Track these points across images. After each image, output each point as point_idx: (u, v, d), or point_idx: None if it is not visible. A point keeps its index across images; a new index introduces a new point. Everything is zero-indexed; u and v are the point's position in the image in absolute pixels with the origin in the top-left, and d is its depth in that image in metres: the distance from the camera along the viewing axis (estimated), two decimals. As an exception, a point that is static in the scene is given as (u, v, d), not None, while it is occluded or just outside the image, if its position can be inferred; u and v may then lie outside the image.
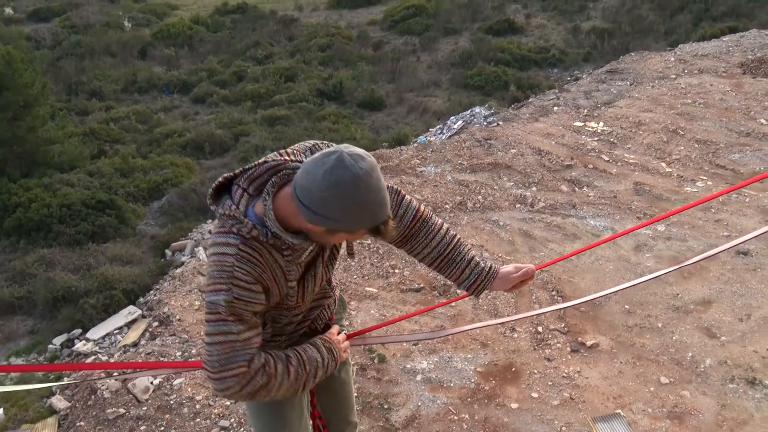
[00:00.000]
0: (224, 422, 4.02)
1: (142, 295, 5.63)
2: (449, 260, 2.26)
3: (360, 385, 4.26)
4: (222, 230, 1.88)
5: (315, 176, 1.70)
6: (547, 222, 6.06)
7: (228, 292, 1.83)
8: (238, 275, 1.84)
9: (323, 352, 2.14)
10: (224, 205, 1.88)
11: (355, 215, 1.72)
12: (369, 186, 1.70)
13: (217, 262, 1.85)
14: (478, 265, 2.27)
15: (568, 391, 4.14)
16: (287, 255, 1.92)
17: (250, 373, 1.90)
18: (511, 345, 4.58)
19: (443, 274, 2.30)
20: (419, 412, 4.04)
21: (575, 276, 5.26)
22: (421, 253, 2.28)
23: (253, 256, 1.85)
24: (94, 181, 8.12)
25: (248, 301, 1.87)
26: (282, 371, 1.98)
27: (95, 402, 4.23)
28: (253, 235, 1.84)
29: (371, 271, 5.51)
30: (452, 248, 2.26)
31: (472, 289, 2.28)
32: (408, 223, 2.23)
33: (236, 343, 1.88)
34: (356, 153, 1.72)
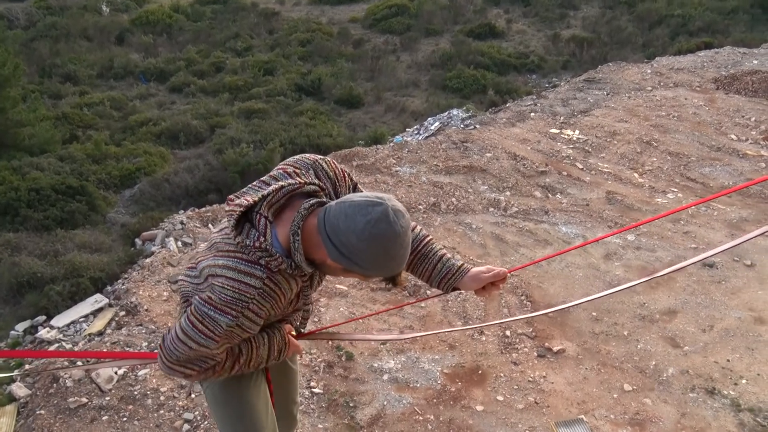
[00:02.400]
0: (188, 414, 3.99)
1: (110, 283, 5.55)
2: (421, 257, 2.28)
3: (326, 382, 4.26)
4: (246, 258, 1.85)
5: (356, 223, 1.73)
6: (519, 227, 6.11)
7: (235, 319, 1.85)
8: (253, 308, 1.86)
9: (272, 352, 2.21)
10: (250, 236, 1.85)
11: (381, 266, 1.79)
12: (403, 243, 1.77)
13: (235, 289, 1.83)
14: (449, 261, 2.29)
15: (533, 396, 4.18)
16: (305, 282, 1.99)
17: (199, 374, 2.01)
18: (478, 348, 4.61)
19: (415, 272, 2.31)
20: (384, 411, 4.05)
21: (545, 282, 5.31)
22: None
23: (274, 291, 1.88)
24: (65, 167, 8.00)
25: (246, 331, 1.92)
26: (227, 367, 2.08)
27: (57, 390, 4.17)
28: (281, 269, 1.86)
29: (343, 269, 5.49)
30: (424, 245, 2.29)
31: (443, 285, 2.29)
32: None
33: (206, 355, 1.94)
34: (399, 209, 1.77)
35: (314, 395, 4.15)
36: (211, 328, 1.86)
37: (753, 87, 9.20)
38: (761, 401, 4.10)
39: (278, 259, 1.83)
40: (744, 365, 4.39)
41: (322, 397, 4.14)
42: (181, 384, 4.23)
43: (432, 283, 2.32)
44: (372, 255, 1.75)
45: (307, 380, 4.23)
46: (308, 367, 4.36)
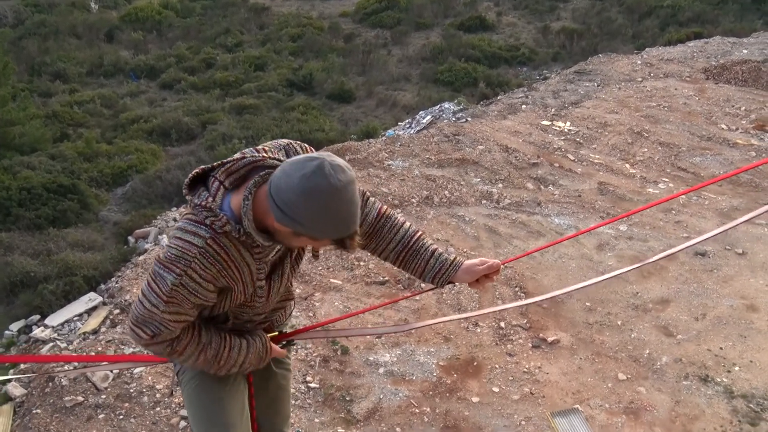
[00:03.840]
0: (184, 412, 3.98)
1: (104, 282, 5.54)
2: (413, 252, 2.27)
3: (322, 376, 4.27)
4: (194, 218, 1.88)
5: (292, 178, 1.71)
6: (512, 219, 6.12)
7: (178, 277, 1.85)
8: (195, 268, 1.85)
9: (249, 357, 2.18)
10: (200, 196, 1.88)
11: (323, 224, 1.74)
12: (342, 199, 1.72)
13: (179, 246, 1.85)
14: (442, 255, 2.29)
15: (529, 386, 4.20)
16: (257, 254, 1.94)
17: (154, 340, 1.98)
18: (473, 340, 4.62)
19: (408, 269, 2.31)
20: (381, 404, 4.06)
21: (538, 273, 5.33)
22: (386, 249, 2.28)
23: (218, 254, 1.87)
24: (56, 165, 7.96)
25: (192, 293, 1.89)
26: (191, 353, 2.06)
27: (52, 389, 4.16)
28: (225, 231, 1.84)
29: (336, 263, 5.51)
30: (415, 241, 2.28)
31: (437, 280, 2.28)
32: (372, 221, 2.25)
33: (154, 316, 1.93)
34: (337, 164, 1.74)
35: (310, 390, 4.15)
36: (160, 286, 1.88)
37: (743, 76, 9.24)
38: (754, 387, 4.13)
39: (222, 219, 1.83)
40: (737, 353, 4.42)
41: (319, 392, 4.15)
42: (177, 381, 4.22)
43: (425, 279, 2.30)
44: (311, 212, 1.71)
45: (303, 375, 4.24)
46: (304, 361, 4.36)
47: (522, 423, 3.92)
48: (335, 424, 3.92)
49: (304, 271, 5.33)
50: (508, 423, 3.92)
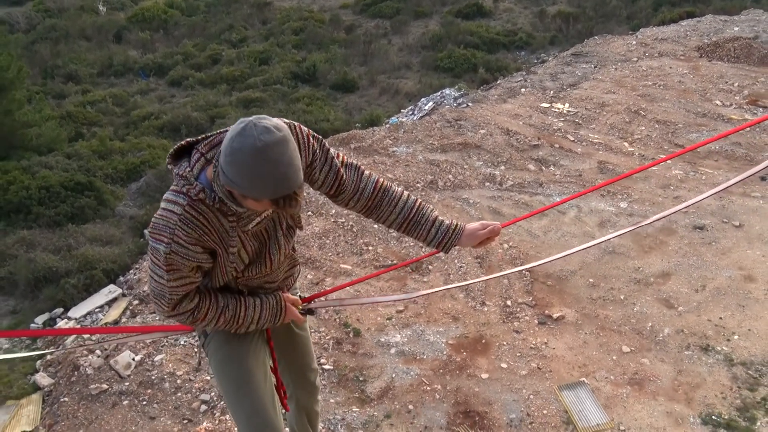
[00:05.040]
0: (205, 396, 4.02)
1: (122, 274, 5.57)
2: (414, 222, 2.32)
3: (336, 358, 4.29)
4: (174, 189, 1.95)
5: (226, 140, 1.78)
6: (515, 199, 6.12)
7: (168, 246, 1.93)
8: (179, 234, 1.92)
9: (264, 315, 2.27)
10: (180, 166, 1.94)
11: (251, 183, 1.77)
12: (266, 158, 1.73)
13: (163, 216, 1.93)
14: (443, 223, 2.33)
15: (536, 362, 4.21)
16: (231, 221, 1.98)
17: (176, 311, 2.08)
18: (481, 318, 4.63)
19: (412, 236, 2.35)
20: (393, 383, 4.08)
21: (542, 251, 5.32)
22: (387, 220, 2.33)
23: (197, 219, 1.93)
24: (72, 164, 7.97)
25: (185, 257, 1.96)
26: (212, 317, 2.16)
27: (78, 378, 4.20)
28: (200, 198, 1.90)
29: (345, 249, 5.52)
30: (416, 211, 2.32)
31: (441, 246, 2.33)
32: (369, 194, 2.28)
33: (163, 288, 2.02)
34: (263, 125, 1.76)
35: (325, 371, 4.17)
36: (157, 258, 1.96)
37: (735, 53, 9.14)
38: (753, 355, 4.13)
39: (196, 186, 1.89)
40: (736, 322, 4.42)
41: (333, 373, 4.17)
42: (196, 367, 4.26)
43: (430, 246, 2.35)
44: (238, 171, 1.75)
45: (318, 357, 4.26)
46: (317, 344, 4.38)
47: (530, 397, 3.93)
48: (350, 404, 3.95)
49: (314, 257, 5.34)
50: (517, 397, 3.94)
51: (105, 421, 3.89)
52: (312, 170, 2.17)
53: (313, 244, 5.56)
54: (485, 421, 3.78)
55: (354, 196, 2.28)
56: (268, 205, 1.84)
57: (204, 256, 2.01)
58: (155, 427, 3.82)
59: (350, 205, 2.31)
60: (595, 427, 3.68)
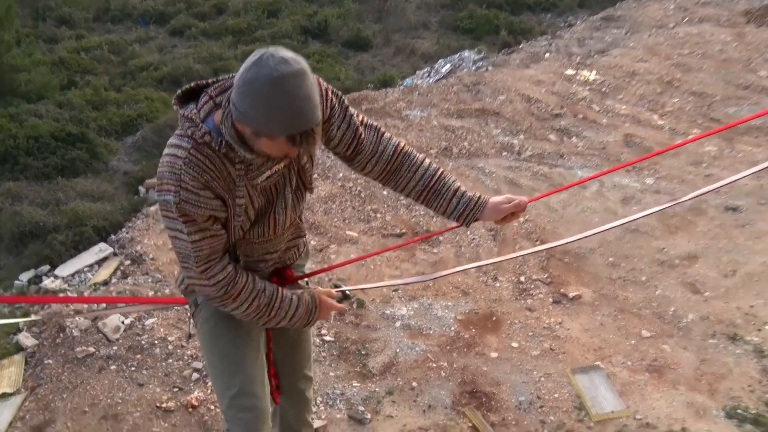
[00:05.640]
0: (197, 364, 4.01)
1: (114, 232, 5.54)
2: (435, 192, 2.26)
3: (338, 330, 4.27)
4: (179, 133, 1.92)
5: (239, 72, 1.76)
6: (533, 171, 6.05)
7: (176, 194, 1.88)
8: (185, 179, 1.87)
9: (299, 312, 2.21)
10: (187, 108, 1.91)
11: (267, 116, 1.74)
12: (283, 89, 1.71)
13: (167, 163, 1.90)
14: (465, 194, 2.27)
15: (549, 342, 4.18)
16: (239, 170, 1.93)
17: (207, 275, 2.01)
18: (492, 294, 4.60)
19: (432, 207, 2.30)
20: (397, 358, 4.06)
21: (560, 227, 5.27)
22: (406, 188, 2.27)
23: (203, 162, 1.88)
24: (64, 113, 7.90)
25: (196, 205, 1.90)
26: (246, 297, 2.08)
27: (64, 340, 4.19)
28: (205, 141, 1.87)
29: (352, 215, 5.48)
30: (437, 180, 2.26)
31: (462, 219, 2.27)
32: (388, 157, 2.23)
33: (186, 245, 1.96)
34: (281, 56, 1.74)
35: (325, 343, 4.16)
36: (169, 211, 1.92)
37: (789, 19, 8.87)
38: (785, 347, 4.08)
39: (201, 128, 1.86)
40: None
41: (333, 345, 4.15)
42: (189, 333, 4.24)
43: (450, 217, 2.29)
44: (252, 102, 1.73)
45: (318, 328, 4.24)
46: (318, 314, 4.36)
47: (541, 379, 3.91)
48: (350, 378, 3.93)
49: (319, 223, 5.31)
50: (527, 379, 3.91)
51: (90, 385, 3.88)
52: (329, 126, 2.13)
53: (319, 209, 5.51)
54: (492, 403, 3.76)
55: (372, 159, 2.23)
56: (284, 146, 1.80)
57: (216, 203, 1.95)
58: (143, 395, 3.82)
59: (367, 168, 2.25)
60: (609, 414, 3.65)
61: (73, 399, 3.80)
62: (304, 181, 2.15)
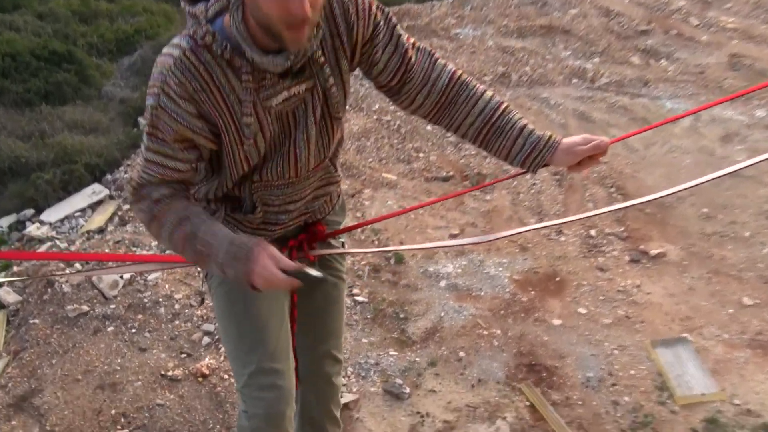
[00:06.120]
0: (208, 326, 4.08)
1: (110, 171, 5.59)
2: (497, 129, 2.20)
3: (372, 289, 4.30)
4: (182, 33, 1.94)
5: None
6: (610, 102, 5.98)
7: (156, 97, 1.90)
8: (170, 83, 1.88)
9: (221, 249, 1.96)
10: (196, 5, 1.92)
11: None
12: None
13: (159, 63, 1.92)
14: (533, 133, 2.20)
15: (624, 309, 4.17)
16: (246, 81, 1.91)
17: (138, 195, 2.05)
18: (556, 250, 4.58)
19: (491, 150, 2.25)
20: (441, 323, 4.09)
21: (641, 170, 5.20)
22: (462, 125, 2.23)
23: (197, 69, 1.88)
24: (46, 27, 7.91)
25: (174, 117, 1.90)
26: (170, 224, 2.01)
27: (52, 297, 4.29)
28: (206, 42, 1.87)
29: (390, 154, 5.47)
30: (500, 115, 2.20)
31: (528, 163, 2.22)
32: (442, 88, 2.19)
33: (143, 159, 2.01)
34: None
35: (358, 304, 4.20)
36: (146, 116, 1.96)
37: None
38: None
39: (204, 27, 1.86)
40: None
41: (367, 307, 4.19)
42: (200, 290, 4.32)
43: (513, 162, 2.24)
44: None
45: (349, 287, 4.27)
46: (350, 271, 4.39)
47: (614, 352, 3.91)
48: (386, 346, 3.98)
49: (351, 163, 5.31)
50: (597, 351, 3.91)
51: (84, 350, 3.97)
52: (373, 48, 2.09)
53: (351, 147, 5.51)
54: (554, 378, 3.78)
55: (423, 90, 2.19)
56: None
57: (198, 124, 1.93)
58: (146, 360, 3.91)
59: (417, 101, 2.22)
60: (698, 397, 3.63)
61: (64, 365, 3.89)
62: (330, 110, 2.11)
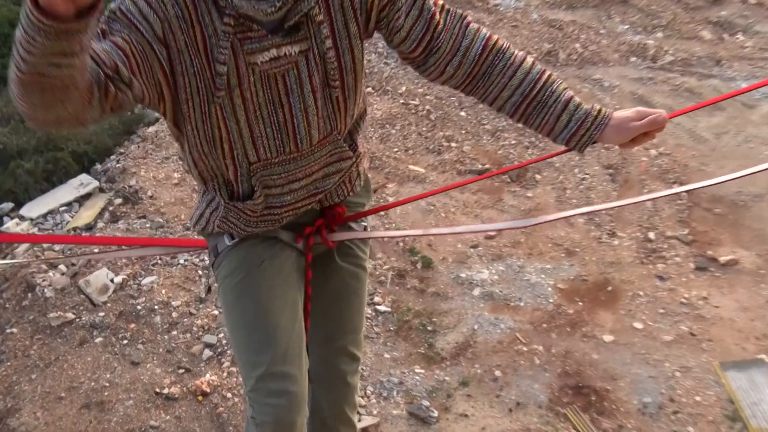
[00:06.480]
0: (210, 338, 4.10)
1: (100, 160, 5.63)
2: (538, 104, 2.19)
3: (396, 297, 4.30)
4: None
5: None
6: (674, 84, 5.96)
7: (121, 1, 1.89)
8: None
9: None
10: None
11: None
12: None
13: None
14: (580, 108, 2.18)
15: (688, 324, 4.13)
16: (226, 24, 1.91)
17: None
18: (608, 254, 4.56)
19: (531, 125, 2.24)
20: (475, 337, 4.08)
21: (711, 163, 5.17)
22: (498, 98, 2.21)
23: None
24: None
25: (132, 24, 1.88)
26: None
27: (33, 302, 4.32)
28: None
29: (418, 143, 5.46)
30: (542, 87, 2.18)
31: (574, 142, 2.21)
32: (476, 57, 2.17)
33: None
34: None
35: (379, 315, 4.20)
36: None
37: None
38: None
39: None
40: None
41: (390, 318, 4.19)
42: (200, 296, 4.34)
43: (557, 140, 2.23)
44: None
45: (371, 294, 4.27)
46: (371, 276, 4.39)
47: (676, 374, 3.88)
48: (411, 362, 3.97)
49: (373, 154, 5.31)
50: (656, 373, 3.89)
51: (68, 363, 4.00)
52: (394, 13, 2.08)
53: (373, 135, 5.52)
54: (605, 404, 3.76)
55: (453, 60, 2.17)
56: None
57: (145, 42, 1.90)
58: (138, 376, 3.93)
59: (446, 73, 2.20)
60: (775, 428, 3.61)
61: (45, 381, 3.92)
62: (328, 77, 2.10)
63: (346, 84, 2.13)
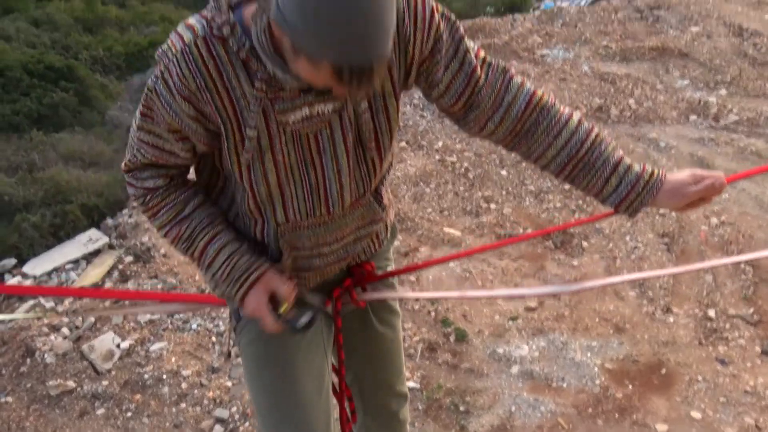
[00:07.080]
0: (222, 411, 4.11)
1: (111, 214, 5.69)
2: (584, 165, 2.22)
3: (426, 372, 4.31)
4: (200, 14, 1.99)
5: None
6: (739, 146, 5.96)
7: (155, 80, 1.98)
8: (172, 72, 1.95)
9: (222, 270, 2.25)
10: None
11: (314, 27, 1.73)
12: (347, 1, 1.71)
13: (170, 40, 1.99)
14: (630, 170, 2.21)
15: (753, 415, 4.08)
16: (258, 89, 1.97)
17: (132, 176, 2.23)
18: (662, 333, 4.54)
19: (578, 186, 2.27)
20: (512, 421, 4.07)
21: (776, 234, 5.15)
22: (543, 157, 2.25)
23: (204, 62, 1.95)
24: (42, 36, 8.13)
25: (165, 106, 1.99)
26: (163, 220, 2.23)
27: (31, 369, 4.36)
28: (222, 34, 1.93)
29: (454, 204, 5.49)
30: (590, 147, 2.21)
31: (624, 206, 2.23)
32: (518, 114, 2.21)
33: (134, 135, 2.13)
34: None
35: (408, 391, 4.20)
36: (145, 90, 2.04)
37: None
38: None
39: (222, 16, 1.92)
40: None
41: (419, 395, 4.19)
42: (212, 366, 4.37)
43: (605, 203, 2.26)
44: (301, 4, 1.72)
45: (397, 367, 4.30)
46: (398, 350, 4.41)
47: (738, 473, 3.85)
48: (442, 446, 3.98)
49: (405, 214, 5.35)
50: (715, 470, 3.86)
51: (67, 436, 4.04)
52: (433, 66, 2.13)
53: (406, 193, 5.56)
54: (656, 503, 3.74)
55: (494, 116, 2.22)
56: (327, 77, 1.80)
57: (193, 126, 2.02)
58: (142, 452, 3.96)
59: (487, 128, 2.25)
60: None
61: (42, 455, 3.96)
62: (362, 138, 2.15)
63: (382, 145, 2.18)
